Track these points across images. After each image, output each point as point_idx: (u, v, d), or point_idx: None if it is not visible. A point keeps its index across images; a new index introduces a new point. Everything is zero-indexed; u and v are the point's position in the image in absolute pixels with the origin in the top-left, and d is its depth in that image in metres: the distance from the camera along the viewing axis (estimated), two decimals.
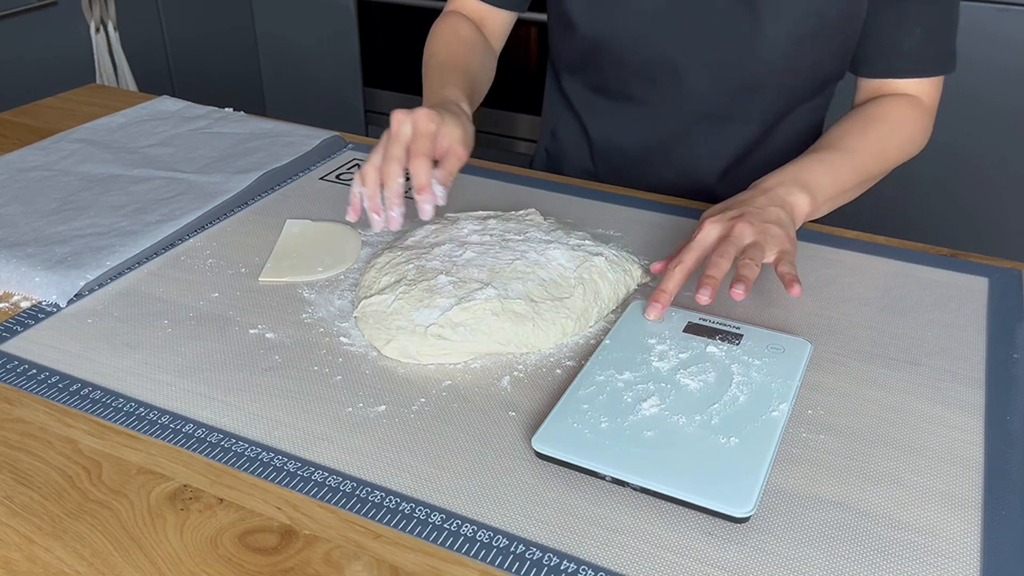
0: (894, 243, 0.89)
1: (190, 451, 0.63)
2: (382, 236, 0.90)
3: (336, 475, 0.60)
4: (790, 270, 0.73)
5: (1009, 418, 0.65)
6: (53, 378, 0.70)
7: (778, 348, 0.69)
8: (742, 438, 0.60)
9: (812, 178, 0.83)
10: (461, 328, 0.71)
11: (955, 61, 0.95)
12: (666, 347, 0.70)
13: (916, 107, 0.95)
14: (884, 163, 0.92)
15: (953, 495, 0.59)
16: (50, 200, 0.95)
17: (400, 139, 0.78)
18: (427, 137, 0.78)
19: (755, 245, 0.73)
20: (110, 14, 2.27)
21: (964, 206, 2.02)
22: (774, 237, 0.75)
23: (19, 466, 0.62)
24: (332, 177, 1.03)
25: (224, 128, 1.14)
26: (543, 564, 0.54)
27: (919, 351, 0.73)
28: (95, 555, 0.55)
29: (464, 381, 0.69)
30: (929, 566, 0.54)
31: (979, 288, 0.82)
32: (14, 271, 0.81)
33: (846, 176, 0.86)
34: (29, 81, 2.09)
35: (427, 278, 0.75)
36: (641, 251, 0.87)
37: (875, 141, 0.91)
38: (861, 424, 0.65)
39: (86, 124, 1.15)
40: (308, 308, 0.78)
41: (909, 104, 0.95)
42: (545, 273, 0.76)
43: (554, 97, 1.14)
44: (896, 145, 0.93)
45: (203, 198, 0.95)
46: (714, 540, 0.55)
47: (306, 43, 2.71)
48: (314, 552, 0.55)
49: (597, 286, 0.77)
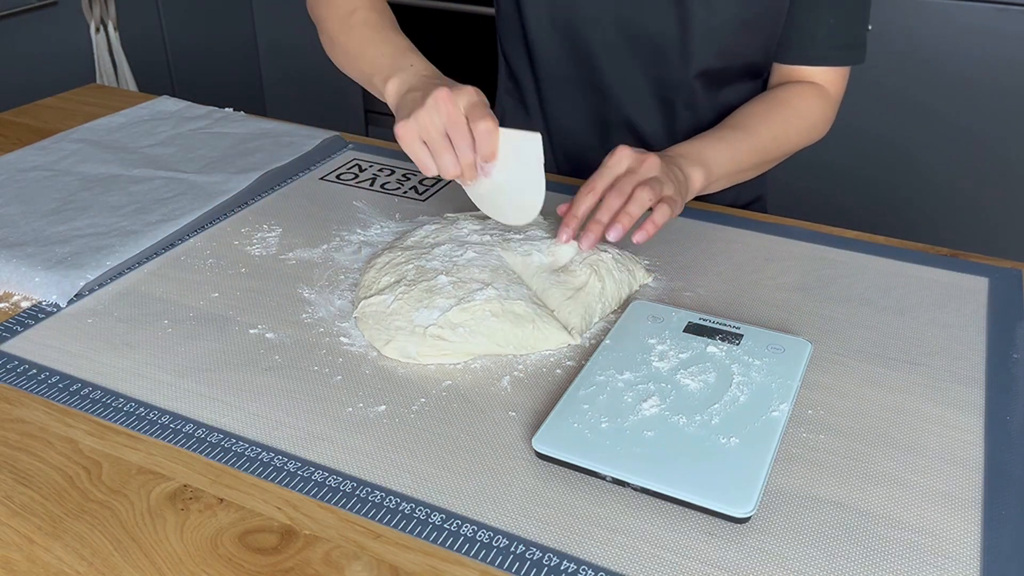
0: (894, 243, 0.89)
1: (190, 451, 0.63)
2: (382, 236, 0.90)
3: (336, 475, 0.60)
4: (660, 220, 0.75)
5: (1009, 418, 0.65)
6: (53, 378, 0.70)
7: (778, 348, 0.69)
8: (742, 438, 0.60)
9: (711, 155, 0.87)
10: (460, 329, 0.71)
11: (864, 53, 0.97)
12: (666, 347, 0.70)
13: (821, 96, 0.97)
14: (784, 147, 0.95)
15: (953, 495, 0.59)
16: (50, 200, 0.95)
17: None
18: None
19: (656, 180, 0.77)
20: (110, 14, 2.27)
21: (964, 206, 2.02)
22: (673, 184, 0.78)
23: (19, 466, 0.62)
24: (332, 177, 1.03)
25: (224, 128, 1.14)
26: (543, 564, 0.54)
27: (919, 351, 0.73)
28: (95, 555, 0.55)
29: (464, 381, 0.69)
30: (929, 566, 0.54)
31: (979, 288, 0.82)
32: (14, 271, 0.81)
33: (745, 156, 0.90)
34: (29, 81, 2.09)
35: (427, 278, 0.75)
36: (640, 251, 0.87)
37: (777, 125, 0.94)
38: (861, 424, 0.65)
39: (86, 124, 1.15)
40: (308, 308, 0.78)
41: (815, 92, 0.97)
42: (555, 271, 0.77)
43: (505, 85, 1.14)
44: (797, 131, 0.96)
45: (203, 198, 0.95)
46: (714, 540, 0.55)
47: (306, 43, 2.70)
48: (314, 552, 0.55)
49: (604, 282, 0.77)
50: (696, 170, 0.84)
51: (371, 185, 1.01)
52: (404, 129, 0.74)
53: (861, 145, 2.03)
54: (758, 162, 0.93)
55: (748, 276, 0.83)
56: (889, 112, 1.98)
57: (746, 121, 0.93)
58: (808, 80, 0.98)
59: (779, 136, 0.94)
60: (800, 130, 0.96)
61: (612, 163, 0.78)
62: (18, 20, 2.08)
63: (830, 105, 0.98)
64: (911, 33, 1.91)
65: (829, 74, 0.97)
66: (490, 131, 0.73)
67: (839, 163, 2.06)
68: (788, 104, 0.96)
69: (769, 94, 0.97)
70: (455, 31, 2.47)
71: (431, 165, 0.75)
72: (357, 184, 1.01)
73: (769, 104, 0.96)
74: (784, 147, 0.95)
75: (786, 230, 0.92)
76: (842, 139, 2.08)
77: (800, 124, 0.95)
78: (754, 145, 0.91)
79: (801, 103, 0.96)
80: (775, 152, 0.94)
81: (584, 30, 0.98)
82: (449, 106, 0.73)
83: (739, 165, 0.90)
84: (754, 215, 0.96)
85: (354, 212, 0.95)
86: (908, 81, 1.95)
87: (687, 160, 0.85)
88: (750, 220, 0.94)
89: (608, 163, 0.78)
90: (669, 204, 0.76)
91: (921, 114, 1.97)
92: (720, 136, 0.90)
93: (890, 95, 1.97)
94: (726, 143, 0.89)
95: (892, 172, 2.05)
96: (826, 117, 0.98)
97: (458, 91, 0.74)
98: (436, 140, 0.74)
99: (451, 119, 0.73)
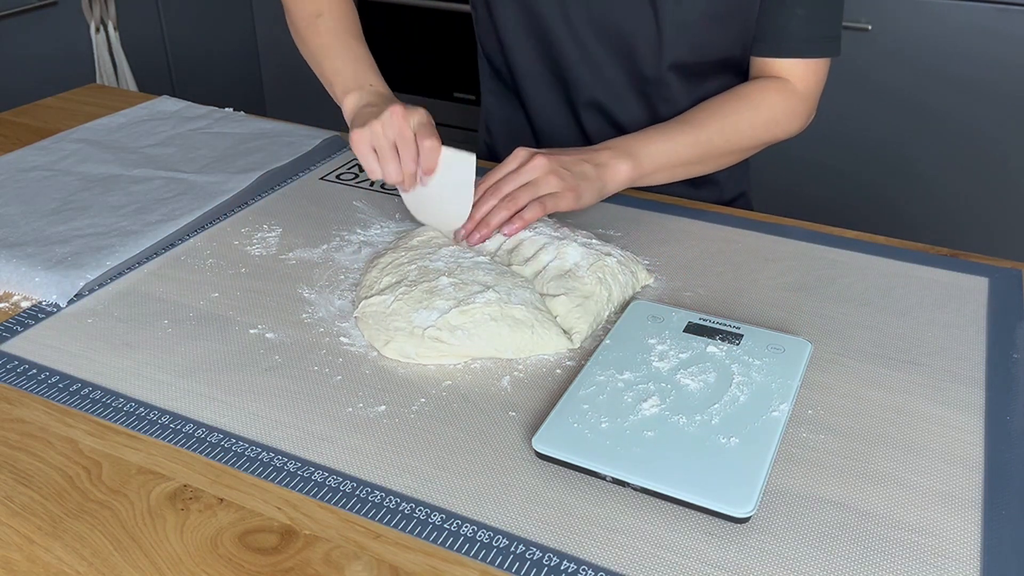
0: (894, 243, 0.89)
1: (190, 451, 0.63)
2: (382, 236, 0.90)
3: (336, 475, 0.60)
4: (528, 216, 0.81)
5: (1009, 418, 0.65)
6: (53, 378, 0.70)
7: (778, 348, 0.69)
8: (742, 438, 0.60)
9: (644, 147, 0.90)
10: (459, 331, 0.71)
11: (839, 46, 0.96)
12: (666, 347, 0.70)
13: (784, 90, 0.97)
14: (736, 141, 0.95)
15: (953, 495, 0.59)
16: (50, 200, 0.95)
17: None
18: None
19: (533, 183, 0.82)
20: (110, 14, 2.27)
21: (964, 206, 2.03)
22: (559, 180, 0.82)
23: (19, 466, 0.62)
24: (332, 177, 1.03)
25: (224, 128, 1.14)
26: (543, 564, 0.54)
27: (919, 351, 0.73)
28: (95, 555, 0.55)
29: (464, 381, 0.69)
30: (929, 566, 0.54)
31: (979, 288, 0.82)
32: (14, 271, 0.81)
33: (685, 149, 0.92)
34: (29, 81, 2.09)
35: (429, 279, 0.75)
36: (641, 251, 0.87)
37: (727, 119, 0.94)
38: (861, 424, 0.65)
39: (86, 124, 1.15)
40: (308, 308, 0.78)
41: (777, 87, 0.97)
42: (563, 278, 0.77)
43: (487, 84, 1.15)
44: (751, 125, 0.95)
45: (203, 198, 0.95)
46: (714, 540, 0.55)
47: None
48: (314, 552, 0.55)
49: (612, 290, 0.77)
50: (622, 163, 0.87)
51: (371, 185, 1.01)
52: (358, 136, 0.82)
53: (861, 145, 2.03)
54: (703, 155, 0.93)
55: (748, 276, 0.83)
56: (889, 112, 1.98)
57: (695, 115, 0.94)
58: (775, 75, 0.98)
59: (727, 130, 0.94)
60: (755, 124, 0.95)
61: (505, 161, 0.85)
62: (18, 20, 2.08)
63: (798, 99, 0.97)
64: (911, 33, 1.91)
65: (800, 67, 0.96)
66: (433, 148, 0.81)
67: (839, 163, 2.06)
68: (744, 98, 0.96)
69: (731, 89, 0.98)
70: (439, 28, 2.47)
71: (377, 170, 0.83)
72: (357, 184, 1.01)
73: (725, 99, 0.96)
74: (737, 141, 0.95)
75: (786, 230, 0.92)
76: (842, 139, 2.09)
77: (755, 118, 0.95)
78: (697, 138, 0.92)
79: (757, 96, 0.96)
80: (724, 146, 0.95)
81: (554, 27, 0.99)
82: (401, 121, 0.81)
83: (679, 158, 0.92)
84: (755, 215, 0.96)
85: (354, 212, 0.95)
86: (908, 81, 1.95)
87: (613, 152, 0.88)
88: (750, 220, 0.94)
89: (503, 162, 0.85)
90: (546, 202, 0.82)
91: (921, 114, 1.97)
92: (660, 129, 0.92)
93: (890, 95, 1.97)
94: (664, 136, 0.91)
95: (892, 172, 2.05)
96: (792, 111, 0.97)
97: (411, 111, 0.82)
98: (385, 149, 0.82)
99: (401, 133, 0.81)
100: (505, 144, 1.15)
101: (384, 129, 0.82)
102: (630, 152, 0.89)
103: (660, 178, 0.92)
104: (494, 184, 0.84)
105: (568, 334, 0.73)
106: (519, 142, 1.12)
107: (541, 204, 0.82)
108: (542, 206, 0.82)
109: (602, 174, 0.86)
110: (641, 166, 0.89)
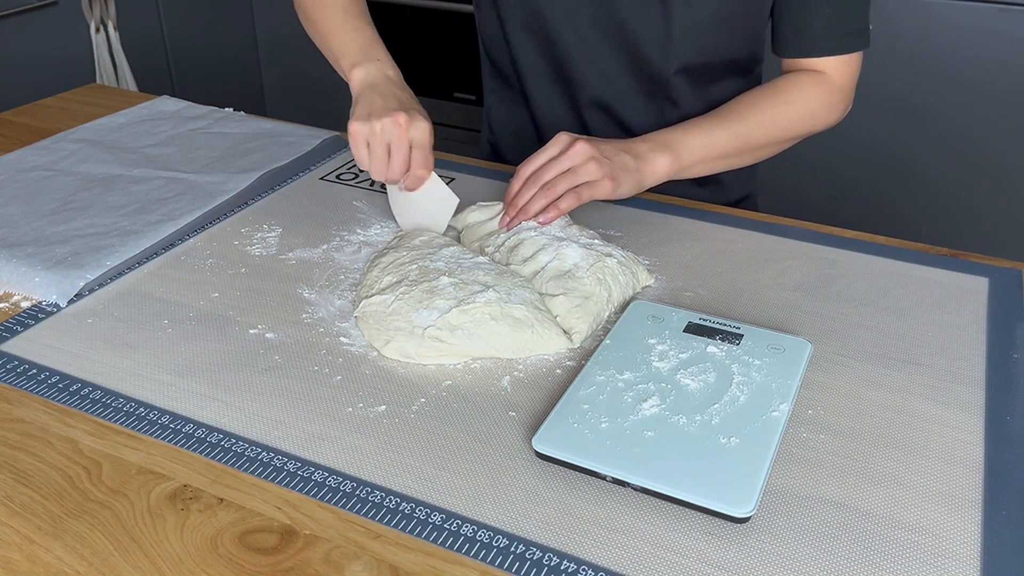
0: (894, 243, 0.89)
1: (190, 451, 0.63)
2: (382, 236, 0.90)
3: (336, 475, 0.60)
4: (564, 206, 0.82)
5: (1009, 418, 0.65)
6: (53, 378, 0.70)
7: (778, 348, 0.69)
8: (742, 438, 0.60)
9: (683, 140, 0.90)
10: (459, 331, 0.71)
11: (868, 37, 0.97)
12: (666, 347, 0.70)
13: (822, 83, 0.97)
14: (773, 133, 0.95)
15: (953, 495, 0.59)
16: (50, 200, 0.95)
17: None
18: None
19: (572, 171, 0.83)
20: (110, 14, 2.27)
21: (965, 206, 2.02)
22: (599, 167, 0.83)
23: (19, 466, 0.62)
24: (332, 177, 1.03)
25: (224, 128, 1.14)
26: (543, 564, 0.54)
27: (919, 351, 0.73)
28: (95, 555, 0.55)
29: (464, 381, 0.69)
30: (929, 566, 0.54)
31: (979, 288, 0.82)
32: (14, 271, 0.81)
33: (724, 142, 0.92)
34: (29, 81, 2.09)
35: (429, 279, 0.75)
36: (641, 251, 0.87)
37: (765, 112, 0.94)
38: (861, 424, 0.65)
39: (86, 124, 1.15)
40: (308, 308, 0.78)
41: (813, 80, 0.97)
42: (563, 278, 0.77)
43: (489, 84, 1.15)
44: (788, 118, 0.96)
45: (203, 198, 0.95)
46: (714, 540, 0.55)
47: (306, 43, 2.69)
48: (314, 552, 0.55)
49: (612, 290, 0.77)
50: (661, 155, 0.88)
51: (371, 185, 1.01)
52: (357, 129, 0.84)
53: (861, 145, 2.03)
54: (742, 148, 0.94)
55: (748, 276, 0.83)
56: (889, 112, 1.98)
57: (733, 108, 0.94)
58: (810, 69, 0.98)
59: (766, 122, 0.94)
60: (792, 117, 0.96)
61: (546, 147, 0.85)
62: (18, 20, 2.08)
63: (834, 91, 0.98)
64: (911, 33, 1.91)
65: (833, 62, 0.97)
66: (421, 177, 0.86)
67: (839, 163, 2.06)
68: (780, 91, 0.96)
69: (767, 84, 0.98)
70: (439, 28, 2.47)
71: (365, 162, 0.86)
72: (357, 184, 1.01)
73: (762, 93, 0.96)
74: (774, 134, 0.95)
75: (786, 230, 0.92)
76: (842, 139, 2.09)
77: (792, 111, 0.95)
78: (736, 131, 0.92)
79: (794, 90, 0.96)
80: (762, 139, 0.95)
81: (557, 23, 0.98)
82: (401, 132, 0.84)
83: (717, 151, 0.92)
84: (755, 215, 0.96)
85: (354, 212, 0.95)
86: (908, 81, 1.95)
87: (652, 145, 0.88)
88: (750, 220, 0.94)
89: (544, 147, 0.85)
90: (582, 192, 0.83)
91: (921, 114, 1.97)
92: (698, 123, 0.92)
93: (890, 95, 1.97)
94: (702, 129, 0.91)
95: (892, 172, 2.05)
96: (829, 103, 0.98)
97: (414, 123, 0.84)
98: (377, 150, 0.84)
99: (397, 144, 0.84)
100: (509, 143, 1.15)
101: (383, 131, 0.83)
102: (669, 145, 0.89)
103: (699, 171, 0.92)
104: (535, 172, 0.84)
105: (568, 334, 0.73)
106: (523, 141, 1.12)
107: (576, 194, 0.82)
108: (577, 196, 0.82)
109: (641, 166, 0.87)
110: (680, 159, 0.89)
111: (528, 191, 0.84)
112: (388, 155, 0.85)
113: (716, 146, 0.92)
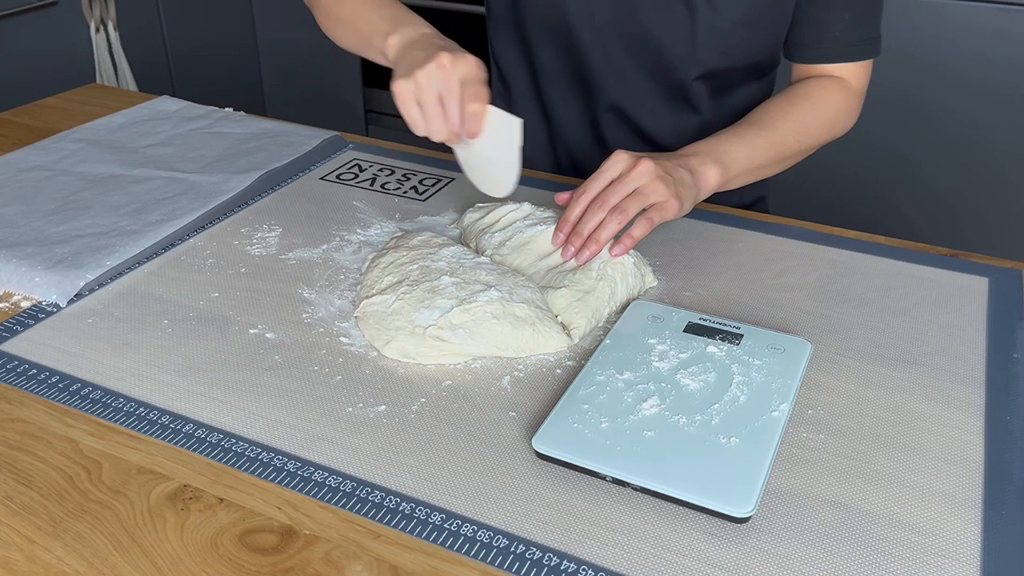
0: (894, 243, 0.89)
1: (190, 451, 0.63)
2: (382, 236, 0.90)
3: (336, 475, 0.60)
4: (637, 234, 0.78)
5: (1009, 418, 0.65)
6: (53, 378, 0.70)
7: (778, 348, 0.69)
8: (742, 438, 0.60)
9: (728, 151, 0.88)
10: (460, 330, 0.71)
11: (880, 45, 0.98)
12: (666, 347, 0.70)
13: (843, 89, 0.98)
14: (805, 141, 0.95)
15: (953, 495, 0.59)
16: (50, 200, 0.95)
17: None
18: None
19: (640, 192, 0.78)
20: (110, 14, 2.27)
21: (964, 206, 2.02)
22: (665, 187, 0.79)
23: (19, 466, 0.62)
24: (332, 177, 1.03)
25: (224, 128, 1.14)
26: (543, 564, 0.54)
27: (919, 351, 0.73)
28: (95, 555, 0.55)
29: (464, 381, 0.69)
30: (929, 566, 0.54)
31: (979, 288, 0.82)
32: (14, 271, 0.81)
33: (763, 152, 0.91)
34: (29, 81, 2.09)
35: (430, 279, 0.75)
36: (642, 251, 0.87)
37: (796, 119, 0.94)
38: (861, 424, 0.65)
39: (86, 124, 1.15)
40: (308, 308, 0.78)
41: (836, 86, 0.98)
42: (569, 270, 0.77)
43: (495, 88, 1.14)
44: (818, 124, 0.96)
45: (203, 198, 0.95)
46: (714, 540, 0.55)
47: (306, 43, 2.71)
48: (314, 552, 0.55)
49: (616, 287, 0.77)
50: (711, 168, 0.85)
51: (371, 185, 1.01)
52: (402, 88, 0.77)
53: (861, 145, 2.03)
54: (778, 157, 0.93)
55: (749, 276, 0.83)
56: (889, 112, 1.98)
57: (764, 117, 0.94)
58: (829, 74, 0.98)
59: (799, 130, 0.94)
60: (821, 123, 0.96)
61: (606, 167, 0.80)
62: (18, 20, 2.08)
63: (853, 97, 0.98)
64: (911, 33, 1.91)
65: (851, 68, 0.98)
66: (476, 114, 0.77)
67: (839, 164, 2.06)
68: (808, 98, 0.96)
69: (789, 90, 0.98)
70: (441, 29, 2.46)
71: (421, 126, 0.78)
72: (357, 184, 1.01)
73: (789, 99, 0.96)
74: (806, 141, 0.95)
75: (786, 230, 0.92)
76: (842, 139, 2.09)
77: (821, 117, 0.96)
78: (772, 140, 0.92)
79: (821, 96, 0.96)
80: (796, 147, 0.95)
81: (578, 27, 0.98)
82: (447, 75, 0.76)
83: (758, 161, 0.91)
84: (755, 215, 0.96)
85: (354, 212, 0.95)
86: (908, 81, 1.95)
87: (701, 158, 0.86)
88: (751, 220, 0.94)
89: (603, 167, 0.80)
90: (653, 216, 0.79)
91: (921, 114, 1.97)
92: (737, 133, 0.91)
93: (890, 95, 1.97)
94: (743, 139, 0.90)
95: (892, 172, 2.05)
96: (849, 108, 0.98)
97: (459, 60, 0.76)
98: (429, 105, 0.77)
99: (447, 87, 0.76)
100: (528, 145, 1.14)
101: (429, 80, 0.76)
102: (717, 157, 0.87)
103: (740, 182, 0.91)
104: (600, 194, 0.79)
105: (567, 330, 0.73)
106: (533, 146, 1.11)
107: (648, 220, 0.78)
108: (649, 222, 0.78)
109: (697, 180, 0.84)
110: (728, 171, 0.87)
111: (594, 216, 0.78)
112: (443, 108, 0.77)
113: (757, 156, 0.91)
